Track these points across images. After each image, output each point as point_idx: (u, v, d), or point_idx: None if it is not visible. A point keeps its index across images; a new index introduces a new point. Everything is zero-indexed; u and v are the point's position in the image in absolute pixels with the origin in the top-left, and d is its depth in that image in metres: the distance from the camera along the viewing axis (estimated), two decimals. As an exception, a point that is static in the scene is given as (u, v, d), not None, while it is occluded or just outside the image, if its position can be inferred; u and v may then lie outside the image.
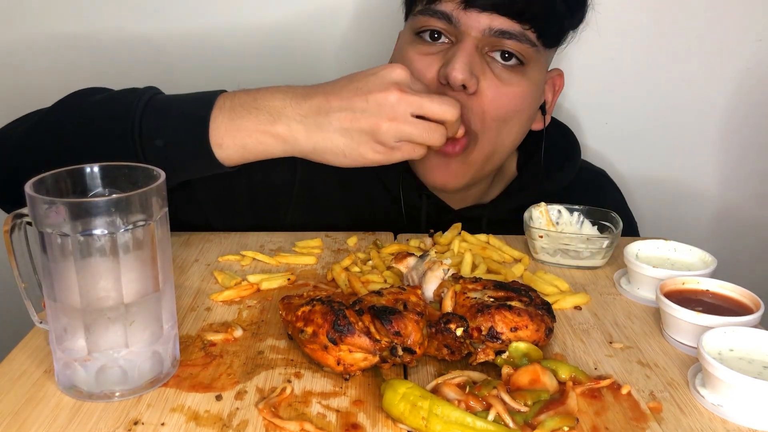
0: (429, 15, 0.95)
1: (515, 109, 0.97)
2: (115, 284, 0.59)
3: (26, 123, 0.93)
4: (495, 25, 0.92)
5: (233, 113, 0.83)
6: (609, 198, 1.22)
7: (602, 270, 0.92)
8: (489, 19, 0.92)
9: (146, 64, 1.34)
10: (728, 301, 0.75)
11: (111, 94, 0.92)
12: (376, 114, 0.79)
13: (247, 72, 1.35)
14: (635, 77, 1.38)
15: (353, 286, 0.81)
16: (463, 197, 1.11)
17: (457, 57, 0.91)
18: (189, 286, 0.84)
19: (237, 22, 1.33)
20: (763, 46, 1.36)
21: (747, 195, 1.47)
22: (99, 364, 0.60)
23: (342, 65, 1.36)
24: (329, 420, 0.59)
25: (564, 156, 1.12)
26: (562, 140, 1.14)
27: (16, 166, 0.89)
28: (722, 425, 0.60)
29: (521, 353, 0.65)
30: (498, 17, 0.92)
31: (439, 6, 0.94)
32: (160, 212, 0.61)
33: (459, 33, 0.93)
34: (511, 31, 0.92)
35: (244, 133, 0.82)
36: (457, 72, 0.90)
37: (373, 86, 0.80)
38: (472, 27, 0.92)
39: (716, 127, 1.42)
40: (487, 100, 0.94)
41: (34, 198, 0.57)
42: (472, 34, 0.92)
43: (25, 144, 0.90)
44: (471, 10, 0.92)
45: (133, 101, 0.85)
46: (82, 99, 0.92)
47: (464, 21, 0.92)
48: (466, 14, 0.92)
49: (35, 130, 0.90)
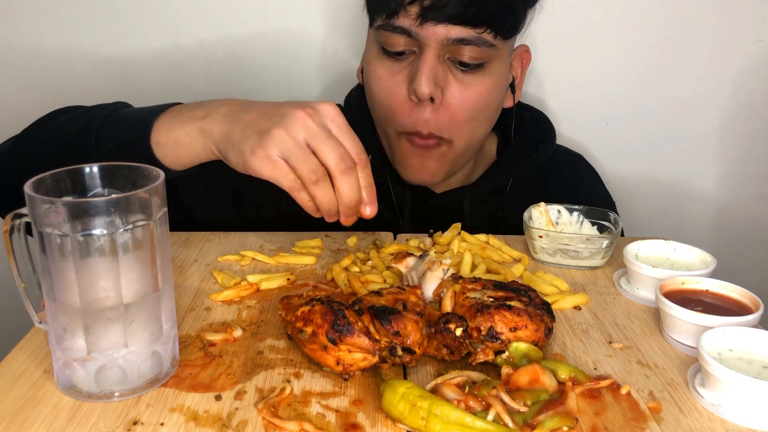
0: (390, 31, 0.99)
1: (483, 106, 1.03)
2: (115, 284, 0.59)
3: (9, 140, 0.99)
4: (452, 35, 0.96)
5: (178, 113, 0.86)
6: (585, 178, 1.27)
7: (602, 270, 0.92)
8: (445, 30, 0.96)
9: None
10: (728, 301, 0.75)
11: (83, 110, 0.97)
12: (276, 122, 0.77)
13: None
14: (635, 77, 1.38)
15: (353, 286, 0.81)
16: (447, 183, 1.15)
17: (421, 71, 0.97)
18: (188, 286, 0.84)
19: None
20: (763, 46, 1.36)
21: (747, 195, 1.47)
22: (98, 364, 0.60)
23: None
24: (329, 420, 0.59)
25: (538, 139, 1.17)
26: (536, 125, 1.20)
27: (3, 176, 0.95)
28: (722, 425, 0.60)
29: (521, 353, 0.65)
30: (454, 27, 0.96)
31: (397, 21, 0.98)
32: (159, 212, 0.61)
33: (419, 45, 0.98)
34: (468, 37, 0.97)
35: (178, 128, 0.85)
36: (423, 86, 0.96)
37: (294, 104, 0.80)
38: (430, 39, 0.97)
39: (716, 127, 1.42)
40: (455, 106, 1.00)
41: (33, 198, 0.57)
42: (431, 45, 0.97)
43: (8, 157, 0.96)
44: (427, 24, 0.96)
45: (98, 113, 0.91)
46: (59, 115, 0.99)
47: (422, 34, 0.97)
48: (423, 28, 0.96)
49: (18, 142, 0.97)
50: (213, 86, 1.38)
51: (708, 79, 1.39)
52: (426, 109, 1.00)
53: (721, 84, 1.39)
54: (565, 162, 1.25)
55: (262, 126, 0.78)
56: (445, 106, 1.00)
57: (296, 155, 0.75)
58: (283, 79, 1.38)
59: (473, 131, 1.05)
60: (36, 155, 0.94)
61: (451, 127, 1.02)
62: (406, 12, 0.97)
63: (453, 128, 1.02)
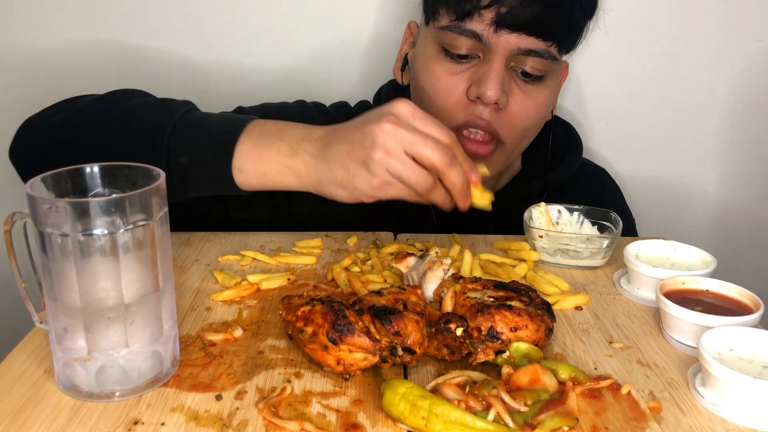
0: (458, 33, 0.98)
1: (539, 118, 1.05)
2: (115, 284, 0.59)
3: (61, 111, 0.94)
4: (523, 45, 0.97)
5: (259, 141, 0.83)
6: (608, 193, 1.26)
7: (602, 270, 0.92)
8: (518, 40, 0.96)
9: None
10: (728, 301, 0.75)
11: (148, 102, 0.93)
12: (369, 145, 0.77)
13: None
14: (635, 77, 1.38)
15: (353, 285, 0.81)
16: None
17: (490, 77, 0.97)
18: (189, 286, 0.84)
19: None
20: (763, 46, 1.36)
21: (747, 195, 1.47)
22: (99, 363, 0.60)
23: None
24: (329, 420, 0.59)
25: (566, 150, 1.17)
26: (564, 136, 1.19)
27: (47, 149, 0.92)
28: (722, 425, 0.60)
29: (522, 353, 0.65)
30: (526, 37, 0.96)
31: (469, 25, 0.97)
32: (160, 212, 0.61)
33: (488, 51, 0.98)
34: (537, 49, 0.97)
35: (264, 161, 0.83)
36: (491, 92, 0.96)
37: (372, 119, 0.80)
38: (501, 46, 0.97)
39: (716, 127, 1.42)
40: (516, 114, 1.01)
41: (34, 198, 0.57)
42: (501, 52, 0.97)
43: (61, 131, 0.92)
44: (501, 31, 0.96)
45: (167, 116, 0.87)
46: (122, 101, 0.94)
47: (494, 41, 0.96)
48: (496, 35, 0.96)
49: (74, 119, 0.92)
50: (214, 86, 1.37)
51: (708, 79, 1.39)
52: (486, 109, 0.99)
53: (721, 84, 1.39)
54: (589, 175, 1.25)
55: (358, 156, 0.78)
56: (507, 111, 1.00)
57: (405, 173, 0.76)
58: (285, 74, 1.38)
59: (525, 139, 1.07)
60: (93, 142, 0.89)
61: (511, 131, 1.02)
62: (480, 16, 0.96)
63: (510, 132, 1.02)
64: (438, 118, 1.03)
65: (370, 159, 0.77)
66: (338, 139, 0.81)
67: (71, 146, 0.90)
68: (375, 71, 1.36)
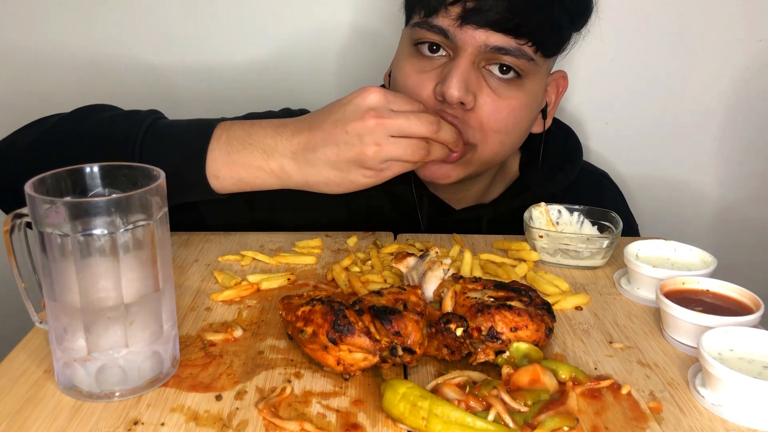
0: (426, 29, 0.95)
1: (513, 122, 0.98)
2: (115, 284, 0.59)
3: (30, 134, 0.94)
4: (491, 42, 0.92)
5: (229, 147, 0.85)
6: (609, 199, 1.22)
7: (602, 270, 0.92)
8: (485, 36, 0.92)
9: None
10: (728, 301, 0.75)
11: (114, 115, 0.94)
12: (358, 144, 0.80)
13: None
14: (635, 77, 1.38)
15: (353, 286, 0.81)
16: (464, 197, 1.11)
17: (453, 75, 0.92)
18: (189, 286, 0.84)
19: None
20: (763, 46, 1.36)
21: (747, 195, 1.47)
22: (99, 364, 0.60)
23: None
24: (329, 420, 0.59)
25: (565, 157, 1.12)
26: (564, 142, 1.15)
27: (17, 173, 0.89)
28: (722, 425, 0.60)
29: (522, 354, 0.65)
30: (494, 33, 0.91)
31: (435, 21, 0.94)
32: (159, 212, 0.61)
33: (455, 47, 0.94)
34: (507, 47, 0.92)
35: (239, 167, 0.85)
36: (453, 90, 0.91)
37: (350, 116, 0.81)
38: (468, 43, 0.92)
39: (716, 127, 1.42)
40: (485, 115, 0.95)
41: (34, 198, 0.57)
42: (468, 50, 0.93)
43: (30, 154, 0.92)
44: (467, 26, 0.92)
45: (135, 127, 0.88)
46: (89, 117, 0.94)
47: (460, 37, 0.92)
48: (462, 30, 0.92)
49: (42, 141, 0.92)
50: (215, 89, 1.37)
51: (708, 79, 1.39)
52: (454, 111, 0.94)
53: (721, 84, 1.39)
54: (589, 181, 1.20)
55: (349, 156, 0.81)
56: (476, 111, 0.95)
57: (399, 152, 0.81)
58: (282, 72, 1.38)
59: (501, 144, 0.99)
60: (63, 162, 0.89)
61: (478, 132, 0.96)
62: (446, 12, 0.93)
63: (480, 134, 0.96)
64: None
65: (364, 156, 0.81)
66: (319, 142, 0.82)
67: (43, 167, 0.88)
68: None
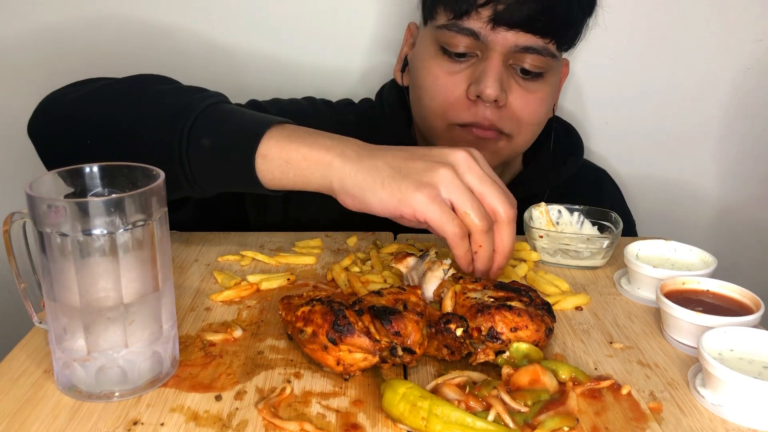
0: (455, 31, 0.98)
1: (543, 113, 1.05)
2: (115, 284, 0.59)
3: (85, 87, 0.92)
4: (521, 42, 0.97)
5: (291, 133, 0.78)
6: (608, 195, 1.27)
7: (602, 270, 0.92)
8: (515, 37, 0.97)
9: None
10: (728, 301, 0.75)
11: (180, 86, 0.90)
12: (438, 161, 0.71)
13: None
14: (635, 77, 1.38)
15: (353, 286, 0.81)
16: None
17: (488, 75, 0.97)
18: (189, 286, 0.84)
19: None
20: (763, 46, 1.36)
21: (747, 195, 1.47)
22: (98, 364, 0.60)
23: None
24: (329, 420, 0.59)
25: (567, 152, 1.17)
26: (566, 137, 1.20)
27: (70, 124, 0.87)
28: (722, 425, 0.60)
29: (522, 354, 0.65)
30: (523, 34, 0.96)
31: (466, 23, 0.97)
32: (159, 212, 0.61)
33: (486, 49, 0.98)
34: (535, 46, 0.98)
35: (292, 148, 0.77)
36: (490, 90, 0.97)
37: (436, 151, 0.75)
38: (499, 44, 0.97)
39: (716, 127, 1.42)
40: (518, 110, 1.01)
41: (33, 198, 0.57)
42: (498, 50, 0.97)
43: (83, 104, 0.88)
44: (499, 28, 0.96)
45: (197, 100, 0.82)
46: (151, 83, 0.91)
47: (492, 38, 0.97)
48: (493, 32, 0.96)
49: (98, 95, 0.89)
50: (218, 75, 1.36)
51: (708, 79, 1.39)
52: (488, 109, 1.00)
53: (721, 84, 1.39)
54: (589, 177, 1.25)
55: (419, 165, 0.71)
56: (509, 108, 1.01)
57: (466, 199, 0.71)
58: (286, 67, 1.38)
59: (533, 134, 1.07)
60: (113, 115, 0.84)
61: (514, 124, 1.02)
62: (477, 14, 0.96)
63: (515, 126, 1.03)
64: (437, 117, 1.03)
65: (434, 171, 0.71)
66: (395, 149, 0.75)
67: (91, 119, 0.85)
68: (375, 71, 1.36)
